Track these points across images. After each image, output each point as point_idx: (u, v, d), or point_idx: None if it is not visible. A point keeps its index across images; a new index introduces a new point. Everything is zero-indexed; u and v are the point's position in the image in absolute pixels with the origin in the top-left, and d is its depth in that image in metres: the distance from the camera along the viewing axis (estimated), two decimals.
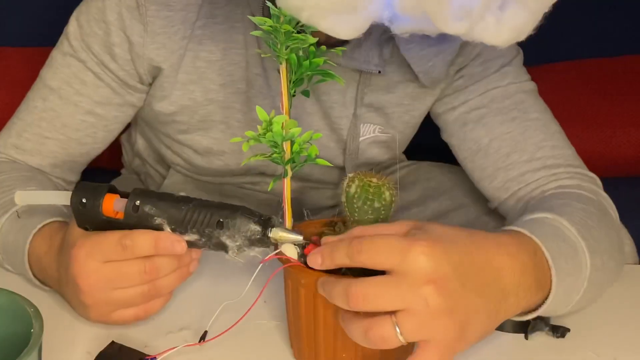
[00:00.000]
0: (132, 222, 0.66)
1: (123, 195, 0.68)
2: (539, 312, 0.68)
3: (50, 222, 0.77)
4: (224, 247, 0.65)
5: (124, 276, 0.67)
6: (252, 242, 0.65)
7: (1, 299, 0.61)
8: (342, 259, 0.60)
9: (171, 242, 0.66)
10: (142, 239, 0.66)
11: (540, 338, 0.75)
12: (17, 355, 0.54)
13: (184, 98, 0.89)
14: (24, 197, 0.73)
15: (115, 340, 0.70)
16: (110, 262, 0.67)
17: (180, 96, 0.89)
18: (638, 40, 1.64)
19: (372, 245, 0.59)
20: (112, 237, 0.66)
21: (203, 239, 0.66)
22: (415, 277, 0.57)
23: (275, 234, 0.64)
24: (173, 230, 0.66)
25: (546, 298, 0.68)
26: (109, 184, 0.69)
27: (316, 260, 0.62)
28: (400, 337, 0.58)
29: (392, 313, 0.58)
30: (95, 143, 0.92)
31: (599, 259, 0.73)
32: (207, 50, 0.86)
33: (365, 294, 0.58)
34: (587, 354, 0.73)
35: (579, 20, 1.59)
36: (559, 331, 0.75)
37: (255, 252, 0.65)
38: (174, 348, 0.67)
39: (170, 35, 0.85)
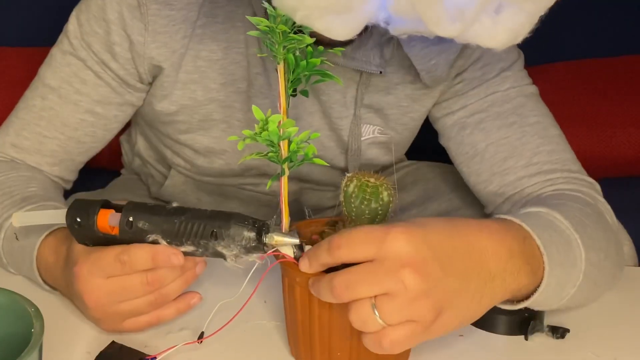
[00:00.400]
0: (128, 237, 0.66)
1: (117, 209, 0.67)
2: (531, 301, 0.68)
3: (55, 230, 0.77)
4: (221, 256, 0.65)
5: (127, 289, 0.68)
6: (248, 250, 0.64)
7: (2, 299, 0.61)
8: (324, 258, 0.60)
9: (168, 255, 0.66)
10: (139, 254, 0.66)
11: (540, 339, 0.75)
12: (17, 355, 0.54)
13: (184, 97, 0.89)
14: (21, 218, 0.74)
15: (115, 340, 0.71)
16: (112, 278, 0.68)
17: (181, 95, 0.89)
18: (638, 40, 1.65)
19: (350, 238, 0.59)
20: (110, 254, 0.67)
21: (200, 250, 0.66)
22: (393, 261, 0.58)
23: (271, 239, 0.64)
24: (169, 243, 0.66)
25: (538, 286, 0.67)
26: (102, 199, 0.69)
27: (304, 264, 0.63)
28: (379, 320, 0.58)
29: (373, 296, 0.58)
30: (94, 142, 0.92)
31: (595, 254, 0.72)
32: (209, 49, 0.86)
33: (347, 284, 0.58)
34: (586, 355, 0.73)
35: (578, 20, 1.60)
36: (559, 332, 0.75)
37: (254, 257, 0.65)
38: (173, 347, 0.68)
39: (171, 34, 0.85)
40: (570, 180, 0.85)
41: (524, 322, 0.74)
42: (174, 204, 0.68)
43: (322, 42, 0.66)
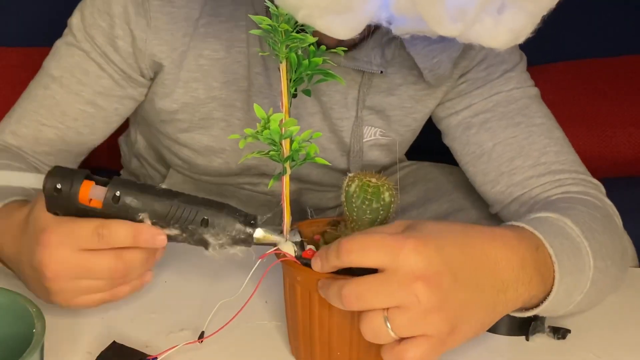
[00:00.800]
0: (111, 212, 0.64)
1: (100, 182, 0.65)
2: (540, 309, 0.68)
3: (9, 202, 0.75)
4: (204, 244, 0.65)
5: (93, 269, 0.65)
6: (236, 241, 0.64)
7: (3, 299, 0.61)
8: (334, 260, 0.60)
9: (152, 235, 0.64)
10: (121, 230, 0.64)
11: (541, 339, 0.75)
12: (19, 355, 0.54)
13: (186, 96, 0.89)
14: None
15: (116, 341, 0.71)
16: (82, 252, 0.64)
17: (183, 94, 0.89)
18: (638, 40, 1.65)
19: (363, 244, 0.59)
20: (88, 225, 0.64)
21: (184, 235, 0.65)
22: (406, 274, 0.57)
23: (259, 234, 0.64)
24: (154, 223, 0.65)
25: (548, 294, 0.67)
26: (86, 169, 0.66)
27: (316, 263, 0.62)
28: (392, 333, 0.58)
29: (385, 308, 0.58)
30: (93, 134, 0.92)
31: (603, 262, 0.72)
32: (211, 48, 0.86)
33: (358, 294, 0.58)
34: (587, 355, 0.73)
35: (579, 20, 1.59)
36: (560, 332, 0.75)
37: (236, 250, 0.65)
38: (174, 347, 0.68)
39: (172, 32, 0.85)
40: (578, 181, 0.85)
41: (525, 322, 0.74)
42: (163, 185, 0.67)
43: (324, 42, 0.66)
